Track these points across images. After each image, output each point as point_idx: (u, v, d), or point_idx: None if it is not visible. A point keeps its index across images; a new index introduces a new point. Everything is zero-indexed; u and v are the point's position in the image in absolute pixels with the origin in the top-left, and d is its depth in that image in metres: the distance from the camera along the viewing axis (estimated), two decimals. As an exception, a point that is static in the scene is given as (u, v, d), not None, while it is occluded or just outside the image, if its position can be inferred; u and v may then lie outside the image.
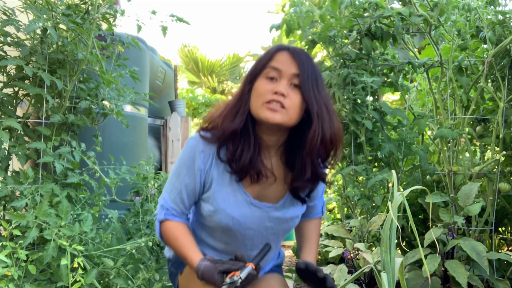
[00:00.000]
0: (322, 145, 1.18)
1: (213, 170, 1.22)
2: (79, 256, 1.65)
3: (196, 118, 8.18)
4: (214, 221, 1.26)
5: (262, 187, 1.26)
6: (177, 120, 3.75)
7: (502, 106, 2.48)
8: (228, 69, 12.07)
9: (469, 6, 2.43)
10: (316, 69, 1.18)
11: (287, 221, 1.32)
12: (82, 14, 1.99)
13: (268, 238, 1.31)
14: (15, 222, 1.62)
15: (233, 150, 1.18)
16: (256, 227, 1.28)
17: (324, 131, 1.16)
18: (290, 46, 1.19)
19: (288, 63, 1.16)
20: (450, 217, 2.31)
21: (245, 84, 1.21)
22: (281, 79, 1.15)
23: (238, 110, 1.18)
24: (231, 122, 1.17)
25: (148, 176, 2.49)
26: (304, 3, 2.80)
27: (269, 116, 1.13)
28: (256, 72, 1.18)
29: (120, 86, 2.22)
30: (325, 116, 1.16)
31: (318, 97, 1.16)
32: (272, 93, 1.13)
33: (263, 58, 1.19)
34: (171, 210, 1.27)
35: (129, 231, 2.32)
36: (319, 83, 1.17)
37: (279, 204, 1.29)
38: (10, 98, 1.96)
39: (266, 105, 1.14)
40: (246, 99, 1.19)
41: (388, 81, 2.89)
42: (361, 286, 2.56)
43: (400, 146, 2.74)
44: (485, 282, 2.32)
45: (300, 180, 1.24)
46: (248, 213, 1.25)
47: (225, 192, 1.23)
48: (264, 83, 1.16)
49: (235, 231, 1.26)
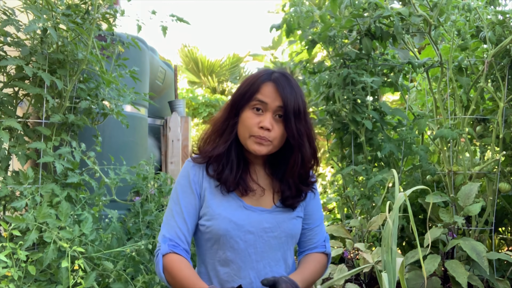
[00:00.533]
0: (302, 169, 1.31)
1: (204, 181, 1.31)
2: (80, 258, 1.65)
3: (196, 118, 8.18)
4: (213, 231, 1.26)
5: (254, 198, 1.32)
6: (177, 120, 3.75)
7: (502, 106, 2.48)
8: (228, 69, 12.08)
9: (469, 6, 2.43)
10: (299, 98, 1.26)
11: (284, 221, 1.32)
12: (82, 14, 1.99)
13: (270, 243, 1.29)
14: (14, 224, 1.62)
15: (219, 170, 1.29)
16: (255, 230, 1.28)
17: (304, 158, 1.29)
18: (274, 74, 1.27)
19: (273, 96, 1.24)
20: (450, 217, 2.31)
21: (231, 112, 1.30)
22: (266, 111, 1.25)
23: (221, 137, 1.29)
24: (215, 148, 1.29)
25: (148, 176, 2.49)
26: (304, 3, 2.80)
27: (256, 149, 1.25)
28: (242, 103, 1.27)
29: (120, 86, 2.22)
30: (305, 145, 1.28)
31: (300, 128, 1.26)
32: (258, 127, 1.24)
33: (249, 89, 1.26)
34: (175, 239, 1.27)
35: (129, 231, 2.32)
36: (302, 112, 1.26)
37: (273, 208, 1.33)
38: (10, 98, 1.96)
39: (253, 138, 1.25)
40: (232, 126, 1.29)
41: (388, 81, 2.89)
42: (361, 286, 2.56)
43: (400, 146, 2.74)
44: (485, 282, 2.32)
45: (287, 195, 1.33)
46: (243, 216, 1.28)
47: (218, 199, 1.29)
48: (250, 116, 1.25)
49: (235, 237, 1.26)
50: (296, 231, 1.36)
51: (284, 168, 1.31)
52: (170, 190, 2.55)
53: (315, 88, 2.91)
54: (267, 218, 1.30)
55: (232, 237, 1.26)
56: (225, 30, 43.64)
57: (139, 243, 1.94)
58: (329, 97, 2.83)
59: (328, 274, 2.38)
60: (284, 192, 1.32)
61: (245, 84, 1.29)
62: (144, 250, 1.99)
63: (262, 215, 1.30)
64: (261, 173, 1.35)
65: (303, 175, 1.33)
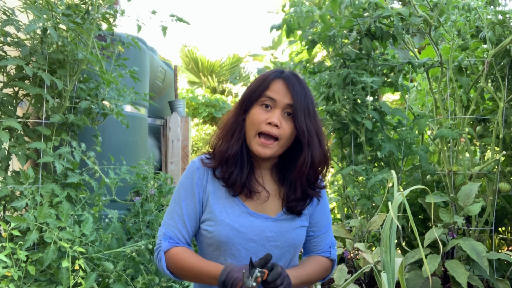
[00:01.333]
0: (311, 169, 1.26)
1: (209, 185, 1.27)
2: (80, 258, 1.65)
3: (196, 118, 8.18)
4: (215, 237, 1.24)
5: (258, 202, 1.29)
6: (177, 120, 3.75)
7: (502, 106, 2.48)
8: (228, 69, 12.09)
9: (469, 6, 2.43)
10: (308, 97, 1.24)
11: (288, 231, 1.29)
12: (82, 14, 1.99)
13: (272, 252, 1.25)
14: (15, 224, 1.62)
15: (228, 171, 1.24)
16: (257, 239, 1.25)
17: (314, 158, 1.24)
18: (285, 73, 1.25)
19: (282, 93, 1.22)
20: (450, 217, 2.31)
21: (241, 109, 1.27)
22: (275, 108, 1.22)
23: (233, 136, 1.25)
24: (228, 148, 1.24)
25: (148, 176, 2.49)
26: (304, 3, 2.80)
27: (260, 151, 1.21)
28: (252, 100, 1.24)
29: (120, 86, 2.23)
30: (315, 144, 1.24)
31: (309, 125, 1.23)
32: (266, 123, 1.21)
33: (260, 85, 1.24)
34: (175, 239, 1.26)
35: (129, 231, 2.32)
36: (311, 111, 1.24)
37: (277, 216, 1.29)
38: (10, 98, 1.96)
39: (257, 139, 1.21)
40: (241, 124, 1.25)
41: (388, 81, 2.89)
42: (361, 286, 2.56)
43: (400, 146, 2.74)
44: (485, 282, 2.32)
45: (291, 198, 1.29)
46: (247, 223, 1.25)
47: (221, 204, 1.26)
48: (259, 112, 1.22)
49: (237, 245, 1.24)
50: (299, 241, 1.32)
51: (292, 170, 1.27)
52: (170, 190, 2.56)
53: (315, 88, 2.91)
54: (271, 227, 1.27)
55: (233, 244, 1.24)
56: (225, 30, 43.65)
57: (139, 243, 1.94)
58: (329, 97, 2.83)
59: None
60: (289, 196, 1.29)
61: (255, 81, 1.26)
62: (144, 250, 1.99)
63: (266, 222, 1.27)
64: (267, 178, 1.32)
65: (311, 177, 1.28)
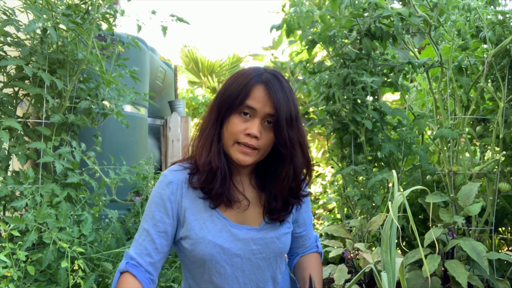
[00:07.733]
0: (293, 181, 1.19)
1: (184, 200, 1.18)
2: (79, 259, 1.65)
3: (196, 118, 8.18)
4: (197, 255, 1.16)
5: (239, 212, 1.21)
6: (177, 120, 3.75)
7: (502, 106, 2.48)
8: (228, 69, 12.08)
9: (469, 6, 2.43)
10: (291, 103, 1.14)
11: (273, 241, 1.22)
12: (82, 14, 1.99)
13: (258, 265, 1.21)
14: (14, 225, 1.62)
15: (205, 179, 1.16)
16: (242, 253, 1.19)
17: (296, 170, 1.17)
18: (265, 76, 1.14)
19: (263, 101, 1.12)
20: (450, 217, 2.31)
21: (218, 116, 1.18)
22: (255, 117, 1.13)
23: (212, 145, 1.16)
24: (211, 160, 1.15)
25: (148, 176, 2.49)
26: (304, 3, 2.80)
27: (241, 159, 1.14)
28: (231, 109, 1.15)
29: (120, 86, 2.23)
30: (298, 156, 1.16)
31: (292, 136, 1.14)
32: (244, 134, 1.12)
33: (240, 93, 1.13)
34: (136, 260, 1.16)
35: (129, 231, 2.32)
36: (294, 118, 1.14)
37: (260, 226, 1.23)
38: (10, 98, 1.96)
39: (237, 146, 1.13)
40: (219, 131, 1.17)
41: (388, 81, 2.89)
42: (361, 286, 2.56)
43: (400, 146, 2.74)
44: (485, 282, 2.32)
45: (273, 207, 1.22)
46: (229, 238, 1.18)
47: (201, 220, 1.17)
48: (237, 121, 1.14)
49: (221, 262, 1.17)
50: (285, 248, 1.27)
51: (274, 181, 1.20)
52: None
53: (315, 88, 2.91)
54: (255, 239, 1.20)
55: (218, 261, 1.16)
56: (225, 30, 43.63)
57: (139, 243, 1.93)
58: (329, 97, 2.83)
59: (328, 274, 2.38)
60: (270, 204, 1.21)
61: (234, 85, 1.15)
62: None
63: (250, 234, 1.20)
64: (247, 184, 1.24)
65: (294, 188, 1.21)
